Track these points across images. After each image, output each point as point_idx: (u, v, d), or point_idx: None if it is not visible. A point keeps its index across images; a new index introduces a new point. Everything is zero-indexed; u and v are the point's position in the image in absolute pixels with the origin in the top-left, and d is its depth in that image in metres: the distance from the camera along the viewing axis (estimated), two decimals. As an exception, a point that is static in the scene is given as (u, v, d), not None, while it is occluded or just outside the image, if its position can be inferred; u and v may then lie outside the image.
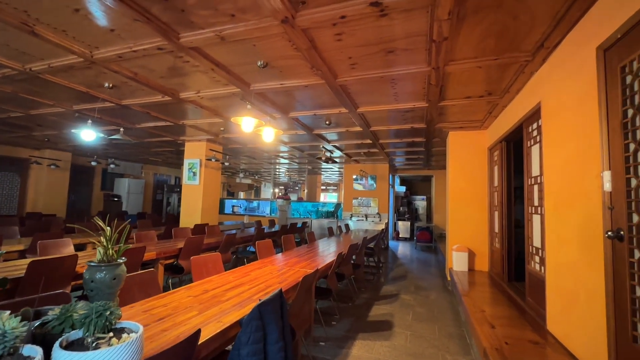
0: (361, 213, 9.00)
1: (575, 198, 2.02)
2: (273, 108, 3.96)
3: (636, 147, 1.47)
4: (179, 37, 2.36)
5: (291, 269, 2.72)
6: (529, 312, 2.84)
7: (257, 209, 12.12)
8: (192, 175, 6.54)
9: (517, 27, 2.12)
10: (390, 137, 5.71)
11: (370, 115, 4.26)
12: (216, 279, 2.25)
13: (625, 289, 1.51)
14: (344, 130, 5.17)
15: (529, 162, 3.03)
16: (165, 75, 3.16)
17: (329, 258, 3.36)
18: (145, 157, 9.74)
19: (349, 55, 2.58)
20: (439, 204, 10.37)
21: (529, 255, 2.98)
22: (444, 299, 4.18)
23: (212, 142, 6.59)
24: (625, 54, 1.54)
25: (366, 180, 9.05)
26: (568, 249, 2.11)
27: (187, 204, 6.56)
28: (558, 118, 2.31)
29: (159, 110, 4.39)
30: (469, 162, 4.91)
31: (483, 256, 4.68)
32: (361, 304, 3.89)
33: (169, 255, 3.44)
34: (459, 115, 4.23)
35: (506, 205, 3.99)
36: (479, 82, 3.09)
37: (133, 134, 6.06)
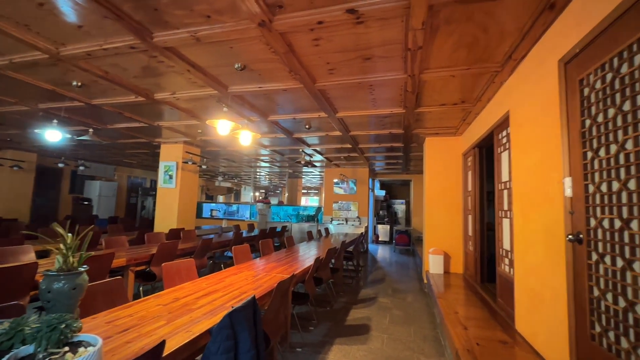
0: (341, 217, 9.04)
1: (540, 203, 2.12)
2: (252, 111, 3.92)
3: (593, 155, 1.56)
4: (152, 36, 2.29)
5: (268, 274, 2.68)
6: (500, 313, 2.93)
7: (237, 212, 11.92)
8: (168, 178, 6.34)
9: (487, 39, 2.21)
10: (370, 142, 5.79)
11: (350, 120, 4.31)
12: (188, 286, 2.18)
13: (585, 289, 1.59)
14: (323, 135, 5.19)
15: (499, 168, 3.15)
16: (139, 74, 3.06)
17: (308, 262, 3.34)
18: (118, 159, 9.36)
19: (327, 60, 2.59)
20: (417, 208, 10.60)
21: (500, 258, 3.09)
22: (420, 302, 4.26)
23: (189, 145, 6.43)
24: (583, 68, 1.64)
25: (347, 184, 9.12)
26: (534, 252, 2.20)
27: (163, 207, 6.35)
28: (525, 126, 2.42)
29: (133, 110, 4.23)
30: (445, 167, 5.06)
31: (458, 259, 4.81)
32: (339, 308, 3.89)
33: (141, 261, 3.30)
34: (435, 122, 4.35)
35: (479, 210, 4.14)
36: (453, 91, 3.20)
37: (105, 135, 5.81)
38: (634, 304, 1.29)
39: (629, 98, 1.33)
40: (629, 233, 1.31)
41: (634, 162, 1.29)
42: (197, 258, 4.03)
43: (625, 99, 1.35)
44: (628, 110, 1.33)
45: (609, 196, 1.44)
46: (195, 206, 6.78)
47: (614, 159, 1.41)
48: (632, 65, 1.31)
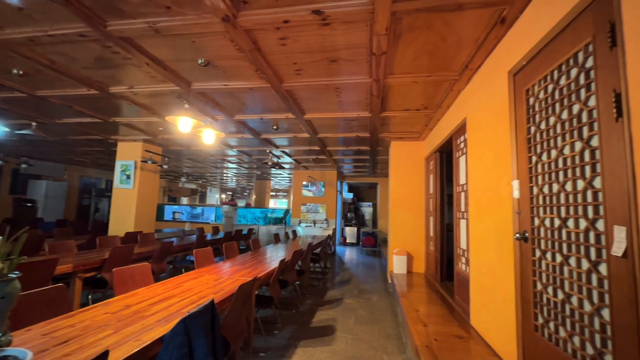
0: (310, 219, 9.04)
1: (493, 204, 2.26)
2: (217, 109, 3.80)
3: (537, 159, 1.69)
4: (105, 24, 2.14)
5: (230, 277, 2.59)
6: (457, 309, 3.08)
7: (201, 215, 11.47)
8: (125, 179, 5.95)
9: (446, 48, 2.33)
10: (338, 145, 5.85)
11: (317, 122, 4.32)
12: (143, 292, 2.04)
13: (530, 284, 1.72)
14: (292, 136, 5.16)
15: (457, 171, 3.32)
16: (91, 65, 2.84)
17: (273, 265, 3.29)
18: (69, 157, 8.62)
19: (294, 60, 2.58)
20: (384, 210, 10.88)
21: (457, 257, 3.25)
22: (384, 301, 4.35)
23: (149, 143, 6.09)
24: (529, 79, 1.78)
25: (315, 186, 9.14)
26: (487, 250, 2.34)
27: (119, 209, 5.93)
28: (479, 132, 2.57)
29: (85, 104, 3.93)
30: (409, 170, 5.24)
31: (420, 259, 4.99)
32: (305, 310, 3.86)
33: (90, 267, 3.05)
34: (400, 126, 4.50)
35: (439, 211, 4.33)
36: (416, 96, 3.33)
37: (53, 130, 5.33)
38: (570, 295, 1.40)
39: (566, 107, 1.46)
40: (566, 231, 1.43)
41: (570, 166, 1.41)
42: (155, 263, 3.81)
43: (564, 109, 1.47)
44: (566, 119, 1.46)
45: (550, 197, 1.56)
46: (155, 208, 6.42)
47: (554, 163, 1.54)
48: (569, 78, 1.44)
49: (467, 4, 1.81)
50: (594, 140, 1.28)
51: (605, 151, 1.21)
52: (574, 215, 1.39)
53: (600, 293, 1.23)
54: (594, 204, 1.27)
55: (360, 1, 1.83)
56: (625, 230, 1.10)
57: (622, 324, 1.11)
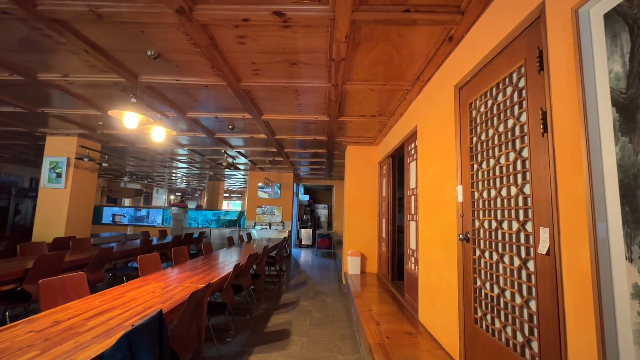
0: (265, 221, 8.88)
1: (440, 207, 2.44)
2: (167, 105, 3.56)
3: (477, 167, 1.86)
4: (35, 3, 1.89)
5: (180, 285, 2.44)
6: (407, 307, 3.25)
7: (147, 218, 10.63)
8: (54, 177, 5.29)
9: (400, 59, 2.46)
10: (295, 147, 5.84)
11: (275, 123, 4.28)
12: (76, 305, 1.83)
13: (470, 280, 1.88)
14: (248, 137, 5.04)
15: (408, 176, 3.53)
16: (16, 48, 2.48)
17: (227, 270, 3.17)
18: (-19, 151, 7.41)
19: (252, 60, 2.53)
20: (339, 212, 11.11)
21: (407, 257, 3.44)
22: (339, 302, 4.44)
23: (86, 138, 5.49)
24: (472, 93, 1.95)
25: (271, 188, 9.01)
26: (434, 250, 2.51)
27: (46, 212, 5.25)
28: (428, 140, 2.76)
29: (6, 91, 3.41)
30: (364, 174, 5.43)
31: (373, 259, 5.18)
32: (259, 315, 3.78)
33: (9, 279, 2.65)
34: (356, 131, 4.64)
35: (391, 214, 4.54)
36: (372, 103, 3.46)
37: (-40, 119, 4.54)
38: (504, 290, 1.57)
39: (502, 121, 1.63)
40: (502, 232, 1.60)
41: (505, 174, 1.58)
42: (91, 271, 3.44)
43: (500, 122, 1.65)
44: (502, 131, 1.63)
45: (488, 201, 1.73)
46: (91, 210, 5.80)
47: (492, 171, 1.71)
48: (505, 95, 1.62)
49: (420, 19, 1.93)
50: (525, 151, 1.45)
51: (533, 161, 1.38)
52: (508, 218, 1.55)
53: (529, 287, 1.39)
54: (524, 207, 1.44)
55: (321, 7, 1.86)
56: (549, 231, 1.26)
57: (545, 314, 1.27)
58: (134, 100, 2.46)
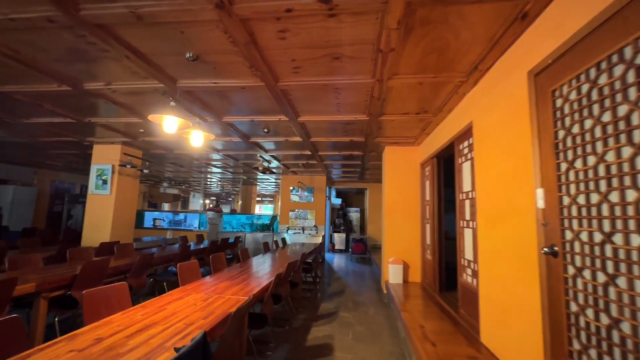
0: (298, 226, 8.77)
1: (508, 214, 2.11)
2: (205, 110, 3.52)
3: (568, 166, 1.54)
4: (78, 8, 1.86)
5: (220, 296, 2.31)
6: (463, 324, 2.91)
7: (184, 222, 10.98)
8: (101, 184, 5.52)
9: (458, 45, 2.18)
10: (329, 149, 5.66)
11: (312, 125, 4.12)
12: (118, 319, 1.75)
13: (561, 304, 1.55)
14: (282, 140, 4.93)
15: (460, 178, 3.19)
16: (63, 58, 2.52)
17: (265, 279, 3.02)
18: (39, 160, 8.02)
19: (292, 57, 2.37)
20: (373, 216, 10.76)
21: (461, 268, 3.09)
22: (381, 314, 4.15)
23: (128, 146, 5.69)
24: (556, 79, 1.63)
25: (303, 192, 8.90)
26: (501, 262, 2.18)
27: (94, 217, 5.49)
28: (489, 137, 2.43)
29: (56, 102, 3.56)
30: (403, 176, 5.11)
31: (416, 267, 4.83)
32: (299, 326, 3.60)
33: (58, 285, 2.69)
34: (396, 131, 4.35)
35: (437, 219, 4.19)
36: (417, 99, 3.18)
37: (20, 131, 4.87)
38: (618, 321, 1.24)
39: (608, 109, 1.31)
40: (612, 247, 1.28)
41: (617, 174, 1.26)
42: (133, 277, 3.46)
43: (605, 110, 1.33)
44: (608, 121, 1.31)
45: (588, 209, 1.41)
46: (134, 216, 6.00)
47: (592, 171, 1.39)
48: (612, 76, 1.30)
49: (488, -4, 1.66)
50: (651, 145, 1.13)
51: (668, 158, 1.06)
52: (623, 230, 1.23)
53: (665, 321, 1.06)
54: (653, 217, 1.11)
55: (373, -11, 1.65)
56: None
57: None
58: (173, 103, 2.40)
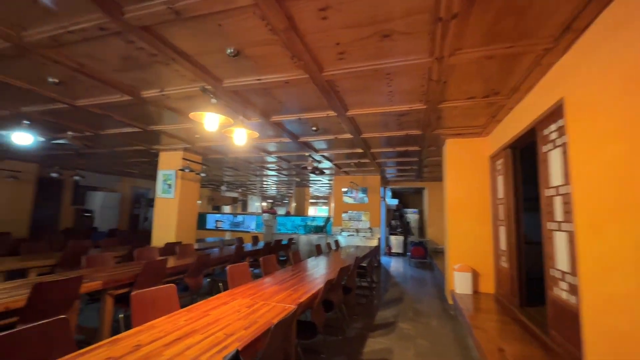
0: (352, 227, 8.49)
1: (626, 212, 1.58)
2: (253, 110, 3.49)
3: None
4: (122, 11, 1.88)
5: (266, 303, 2.17)
6: (555, 349, 2.34)
7: (242, 223, 11.49)
8: (167, 188, 5.95)
9: (542, 3, 1.72)
10: (382, 146, 5.29)
11: (362, 119, 3.83)
12: (161, 324, 1.69)
13: None
14: (332, 138, 4.72)
15: (546, 170, 2.60)
16: (119, 67, 2.66)
17: (316, 284, 2.83)
18: (120, 169, 9.07)
19: (336, 40, 2.13)
20: (433, 218, 9.96)
21: (551, 280, 2.51)
22: (446, 327, 3.66)
23: (189, 152, 6.04)
24: None
25: (357, 192, 8.59)
26: (621, 278, 1.64)
27: (161, 219, 5.93)
28: (591, 115, 1.89)
29: (122, 113, 3.85)
30: (469, 172, 4.51)
31: (488, 277, 4.20)
32: (353, 336, 3.33)
33: (122, 283, 2.84)
34: (459, 120, 3.83)
35: (514, 220, 3.56)
36: (485, 79, 2.69)
37: (101, 142, 5.47)
38: None
39: None
40: None
41: None
42: (191, 277, 3.56)
43: None
44: None
45: None
46: (195, 218, 6.35)
47: None
48: None
49: None
50: None
51: None
52: None
53: None
54: None
55: None
56: None
57: None
58: (214, 100, 2.35)
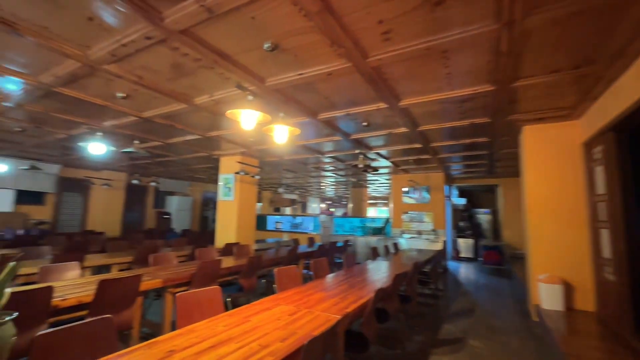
0: (413, 229, 7.92)
1: None
2: (299, 109, 3.39)
3: None
4: (162, 17, 1.91)
5: (310, 311, 2.01)
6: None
7: (301, 225, 11.66)
8: (227, 191, 6.27)
9: None
10: (444, 139, 4.76)
11: (417, 109, 3.45)
12: (201, 328, 1.64)
13: None
14: (386, 133, 4.40)
15: (673, 154, 1.95)
16: (171, 76, 2.79)
17: (369, 291, 2.58)
18: (190, 175, 9.94)
19: (378, 17, 1.88)
20: (510, 219, 8.77)
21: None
22: (531, 349, 3.05)
23: (246, 155, 6.28)
24: None
25: (418, 192, 8.00)
26: None
27: (223, 221, 6.27)
28: None
29: (182, 121, 4.12)
30: (554, 164, 3.76)
31: (585, 291, 3.42)
32: (414, 351, 2.98)
33: (180, 282, 2.97)
34: (539, 101, 3.20)
35: (622, 221, 2.81)
36: (573, 45, 2.15)
37: (170, 151, 6.01)
38: None
39: None
40: None
41: None
42: (244, 278, 3.60)
43: None
44: None
45: None
46: (254, 219, 6.57)
47: None
48: None
49: None
50: None
51: None
52: None
53: None
54: None
55: None
56: None
57: None
58: (250, 97, 2.28)
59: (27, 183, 7.50)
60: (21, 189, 7.44)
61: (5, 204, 7.24)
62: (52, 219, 8.17)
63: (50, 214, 8.15)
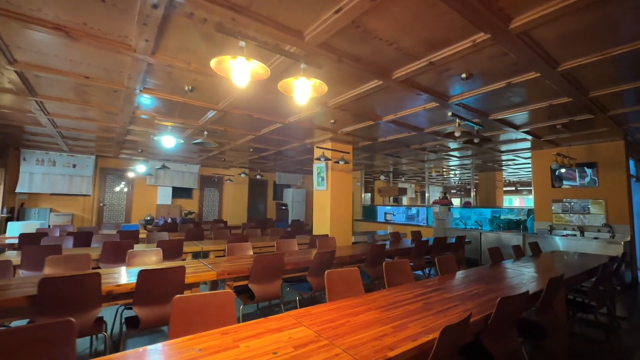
0: (570, 224, 5.68)
1: None
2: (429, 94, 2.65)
3: None
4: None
5: (331, 344, 1.33)
6: None
7: (417, 216, 10.45)
8: (320, 181, 6.00)
9: None
10: (619, 81, 2.95)
11: (587, 71, 2.15)
12: (178, 347, 1.25)
13: None
14: (536, 108, 3.06)
15: None
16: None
17: (454, 315, 1.66)
18: (299, 167, 10.32)
19: None
20: None
21: None
22: None
23: (335, 141, 5.84)
24: None
25: (576, 171, 5.67)
26: None
27: (318, 211, 6.05)
28: None
29: (261, 110, 4.01)
30: None
31: None
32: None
33: (237, 276, 2.78)
34: None
35: None
36: None
37: (269, 144, 6.22)
38: None
39: None
40: None
41: None
42: (312, 276, 3.16)
43: None
44: None
45: None
46: (350, 209, 6.07)
47: None
48: None
49: None
50: None
51: None
52: None
53: None
54: None
55: None
56: None
57: None
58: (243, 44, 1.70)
59: (178, 181, 9.44)
60: (175, 186, 9.42)
61: (167, 198, 9.32)
62: (198, 210, 10.03)
63: (197, 206, 10.03)
